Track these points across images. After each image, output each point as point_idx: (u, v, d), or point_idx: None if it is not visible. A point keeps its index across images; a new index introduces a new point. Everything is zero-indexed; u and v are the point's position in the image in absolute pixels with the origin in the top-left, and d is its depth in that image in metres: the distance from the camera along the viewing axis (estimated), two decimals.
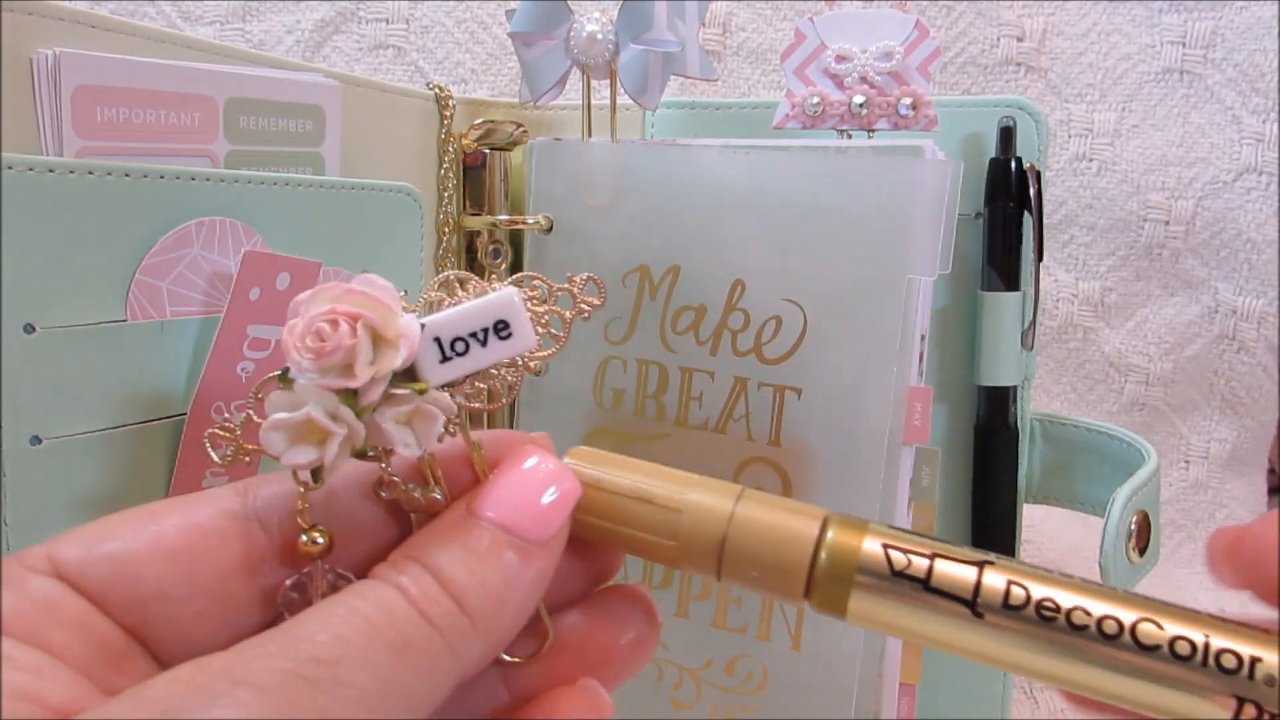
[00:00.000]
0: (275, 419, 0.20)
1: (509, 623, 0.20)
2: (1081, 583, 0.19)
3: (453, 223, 0.44)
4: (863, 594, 0.20)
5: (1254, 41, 0.60)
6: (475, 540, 0.20)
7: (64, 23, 0.29)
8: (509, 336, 0.21)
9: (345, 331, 0.19)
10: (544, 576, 0.21)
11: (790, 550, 0.21)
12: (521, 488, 0.21)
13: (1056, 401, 0.64)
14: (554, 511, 0.21)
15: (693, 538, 0.21)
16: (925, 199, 0.37)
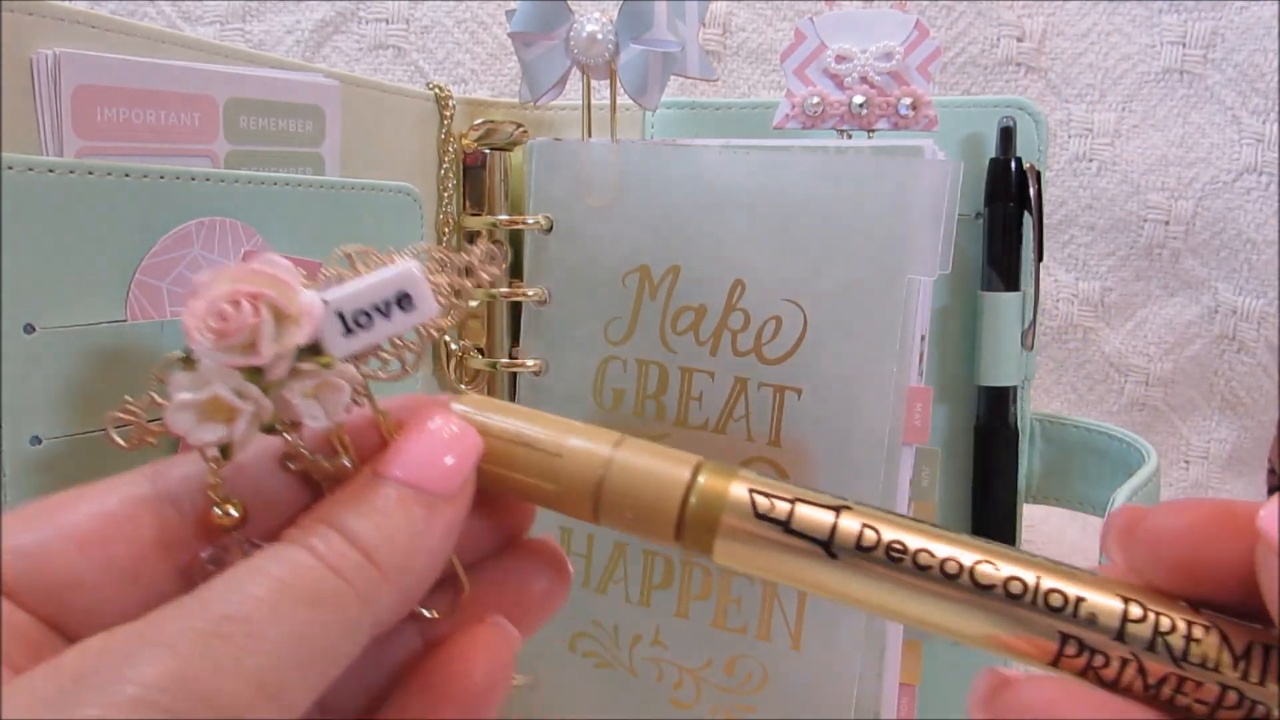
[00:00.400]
0: (181, 399, 0.20)
1: (420, 574, 0.21)
2: (934, 529, 0.21)
3: (453, 223, 0.44)
4: (729, 536, 0.21)
5: (1254, 42, 0.60)
6: (381, 498, 0.20)
7: (64, 23, 0.29)
8: (411, 307, 0.21)
9: (248, 311, 0.20)
10: (452, 529, 0.21)
11: (662, 494, 0.22)
12: (425, 446, 0.21)
13: (1056, 402, 0.64)
14: (458, 466, 0.21)
15: (571, 481, 0.22)
16: (925, 199, 0.37)
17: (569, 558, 0.43)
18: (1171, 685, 0.19)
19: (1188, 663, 0.18)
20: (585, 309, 0.42)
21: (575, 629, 0.43)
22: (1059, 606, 0.19)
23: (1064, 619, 0.19)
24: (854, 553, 0.20)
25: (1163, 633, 0.19)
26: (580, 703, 0.44)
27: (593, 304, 0.41)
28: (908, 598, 0.20)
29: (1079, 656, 0.19)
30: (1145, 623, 0.19)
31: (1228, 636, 0.19)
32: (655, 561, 0.41)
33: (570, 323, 0.42)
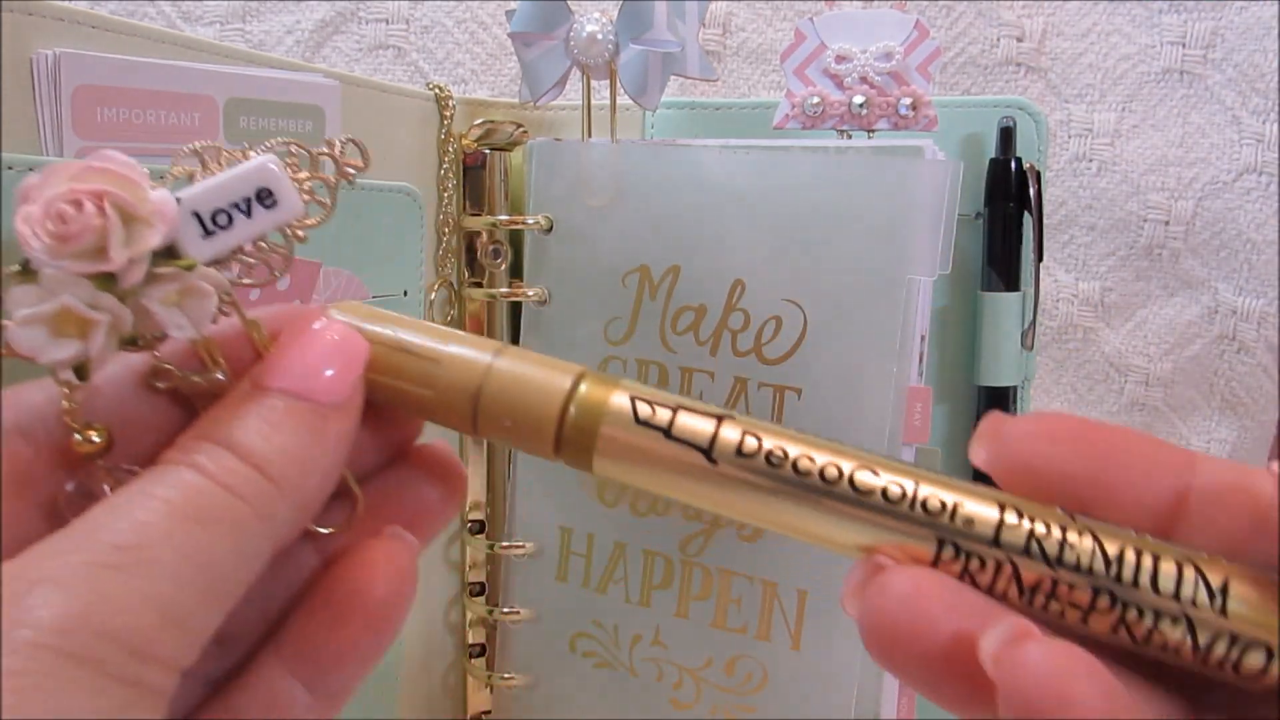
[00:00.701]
0: (26, 314, 0.18)
1: (316, 485, 0.20)
2: (819, 440, 0.20)
3: (453, 223, 0.44)
4: (609, 446, 0.21)
5: (1254, 42, 0.60)
6: (268, 410, 0.19)
7: (64, 23, 0.29)
8: (274, 205, 0.20)
9: (91, 211, 0.18)
10: (345, 437, 0.21)
11: (541, 403, 0.21)
12: (309, 353, 0.20)
13: (1056, 402, 0.64)
14: (344, 372, 0.20)
15: (449, 388, 0.21)
16: (925, 199, 0.37)
17: (569, 558, 0.43)
18: (1045, 590, 0.19)
19: (1062, 565, 0.19)
20: (585, 309, 0.42)
21: (575, 629, 0.43)
22: (936, 511, 0.19)
23: (941, 524, 0.19)
24: (734, 459, 0.20)
25: (1038, 537, 0.19)
26: (580, 703, 0.44)
27: (592, 304, 0.41)
28: (786, 507, 0.20)
29: (956, 560, 0.19)
30: (1020, 528, 0.19)
31: (1101, 540, 0.19)
32: (655, 561, 0.41)
33: (570, 323, 0.42)
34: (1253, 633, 0.18)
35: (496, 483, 0.46)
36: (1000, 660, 0.17)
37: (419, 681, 0.46)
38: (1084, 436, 0.19)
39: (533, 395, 0.21)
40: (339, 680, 0.21)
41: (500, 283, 0.44)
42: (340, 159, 0.22)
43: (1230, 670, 0.18)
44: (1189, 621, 0.18)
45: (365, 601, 0.21)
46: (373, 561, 0.22)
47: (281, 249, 0.21)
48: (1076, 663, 0.16)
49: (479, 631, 0.47)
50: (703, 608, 0.41)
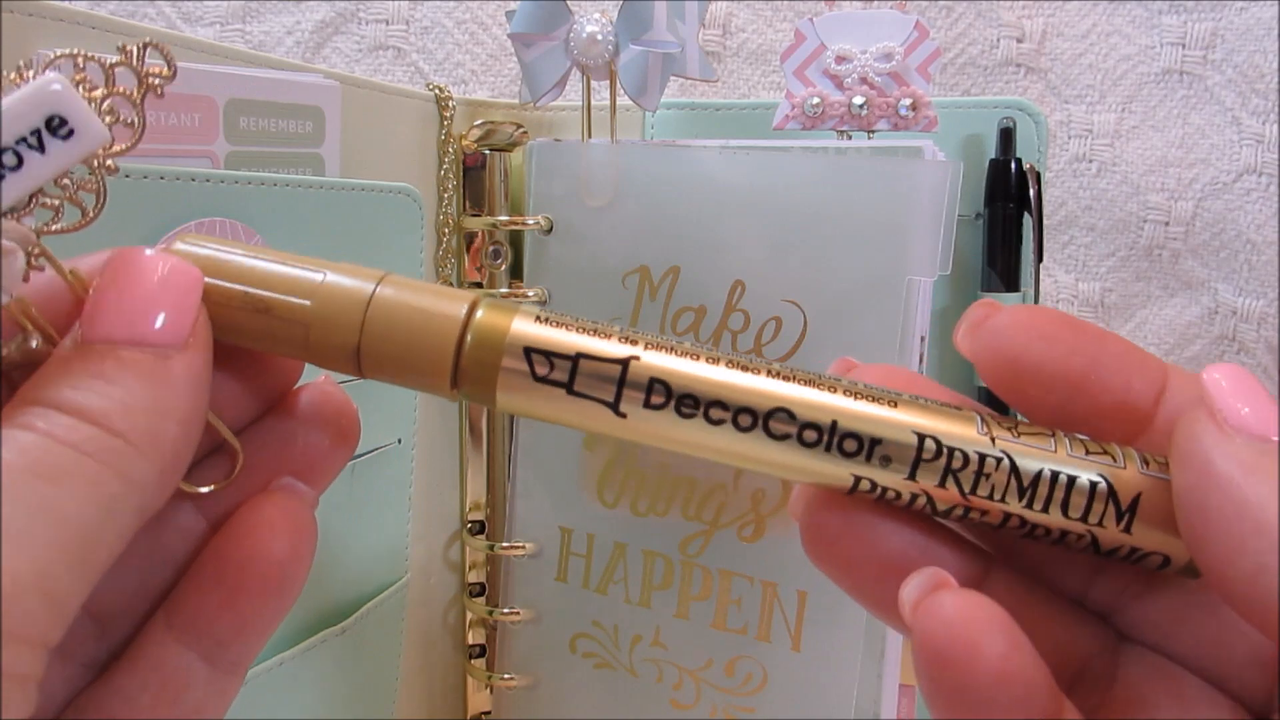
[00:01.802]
0: None
1: (174, 438, 0.18)
2: (736, 362, 0.19)
3: (453, 223, 0.44)
4: (511, 385, 0.19)
5: (1254, 43, 0.60)
6: (97, 365, 0.17)
7: (64, 23, 0.29)
8: (70, 134, 0.17)
9: None
10: (198, 381, 0.18)
11: (434, 335, 0.19)
12: (131, 295, 0.18)
13: None
14: (177, 308, 0.18)
15: (326, 325, 0.19)
16: (925, 200, 0.37)
17: (569, 558, 0.43)
18: (958, 514, 0.19)
19: (975, 495, 0.19)
20: (585, 310, 0.42)
21: (575, 630, 0.43)
22: (853, 452, 0.19)
23: (857, 463, 0.19)
24: (642, 411, 0.19)
25: (954, 469, 0.19)
26: (580, 703, 0.44)
27: (593, 305, 0.41)
28: (698, 441, 0.19)
29: (872, 492, 0.19)
30: (937, 464, 0.19)
31: (1017, 467, 0.19)
32: (655, 562, 0.41)
33: None
34: (1153, 545, 0.19)
35: (496, 483, 0.46)
36: (916, 608, 0.17)
37: (419, 681, 0.46)
38: (1071, 335, 0.20)
39: (424, 327, 0.19)
40: (240, 650, 0.20)
41: (500, 283, 0.44)
42: (141, 69, 0.18)
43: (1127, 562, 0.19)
44: (1094, 536, 0.19)
45: (263, 563, 0.20)
46: (266, 519, 0.20)
47: (90, 184, 0.18)
48: (987, 614, 0.17)
49: (479, 632, 0.47)
50: (703, 608, 0.41)
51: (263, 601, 0.20)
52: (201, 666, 0.20)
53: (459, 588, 0.47)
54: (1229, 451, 0.17)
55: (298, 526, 0.20)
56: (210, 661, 0.20)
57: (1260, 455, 0.17)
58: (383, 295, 0.19)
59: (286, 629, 0.35)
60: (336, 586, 0.38)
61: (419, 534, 0.44)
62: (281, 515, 0.20)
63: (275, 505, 0.20)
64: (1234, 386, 0.18)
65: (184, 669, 0.19)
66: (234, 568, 0.20)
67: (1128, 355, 0.19)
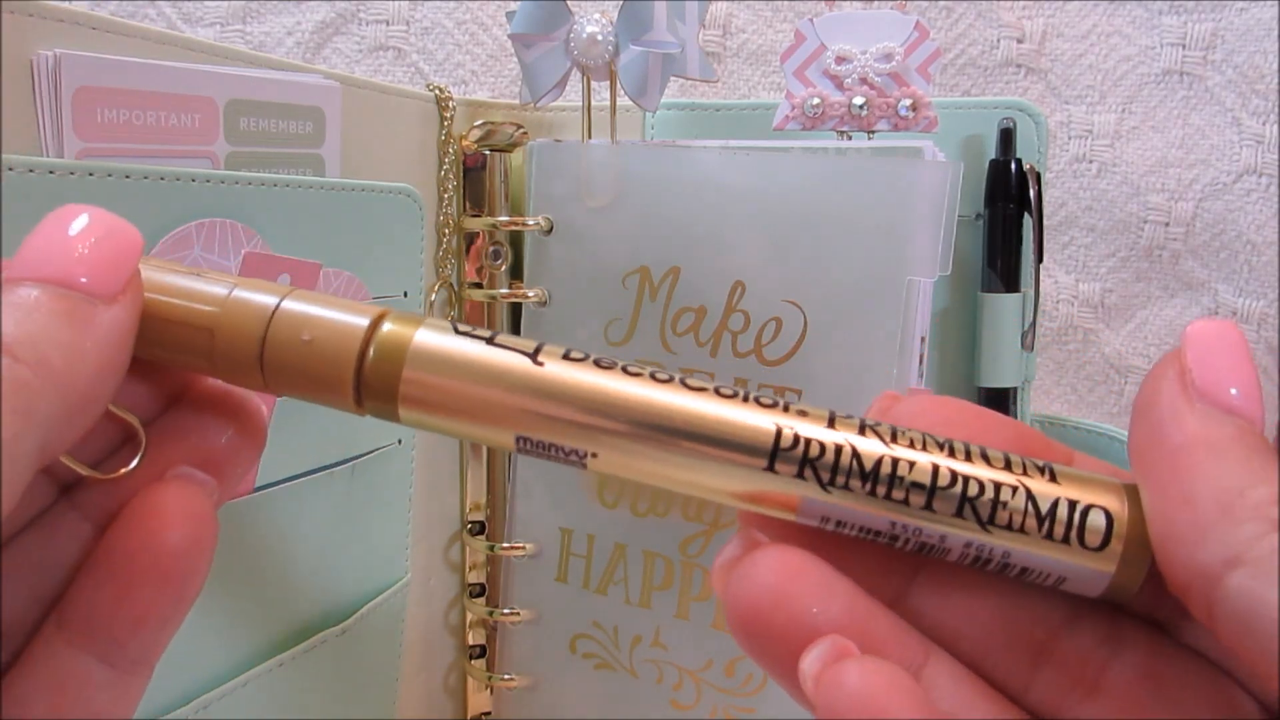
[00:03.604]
0: None
1: (87, 381, 0.17)
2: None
3: (453, 224, 0.44)
4: (413, 401, 0.19)
5: (1254, 43, 0.60)
6: (20, 297, 0.17)
7: (64, 24, 0.29)
8: None
9: None
10: (121, 339, 0.18)
11: (335, 348, 0.19)
12: (70, 239, 0.17)
13: (1057, 403, 0.64)
14: (114, 263, 0.18)
15: (231, 337, 0.19)
16: (925, 200, 0.37)
17: (569, 559, 0.43)
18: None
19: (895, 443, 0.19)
20: (585, 310, 0.42)
21: (575, 630, 0.43)
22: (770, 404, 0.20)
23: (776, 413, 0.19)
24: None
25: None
26: (580, 704, 0.44)
27: (593, 305, 0.41)
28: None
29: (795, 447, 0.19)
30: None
31: (968, 490, 0.18)
32: (655, 562, 0.41)
33: (570, 324, 0.42)
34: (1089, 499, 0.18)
35: (496, 484, 0.46)
36: (819, 681, 0.17)
37: (419, 682, 0.46)
38: (962, 423, 0.19)
39: (326, 339, 0.19)
40: (138, 647, 0.19)
41: (500, 284, 0.44)
42: None
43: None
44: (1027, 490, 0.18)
45: (157, 554, 0.19)
46: (160, 506, 0.19)
47: None
48: (892, 683, 0.16)
49: (479, 632, 0.47)
50: (703, 609, 0.41)
51: (158, 595, 0.19)
52: (99, 668, 0.19)
53: (459, 588, 0.47)
54: (1185, 419, 0.16)
55: (194, 514, 0.19)
56: (108, 662, 0.19)
57: (1217, 427, 0.16)
58: (288, 308, 0.19)
59: (287, 629, 0.36)
60: (336, 586, 0.38)
61: (419, 534, 0.44)
62: (176, 502, 0.19)
63: (170, 493, 0.19)
64: (1215, 344, 0.17)
65: (80, 671, 0.19)
66: (125, 560, 0.19)
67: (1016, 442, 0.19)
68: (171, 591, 0.19)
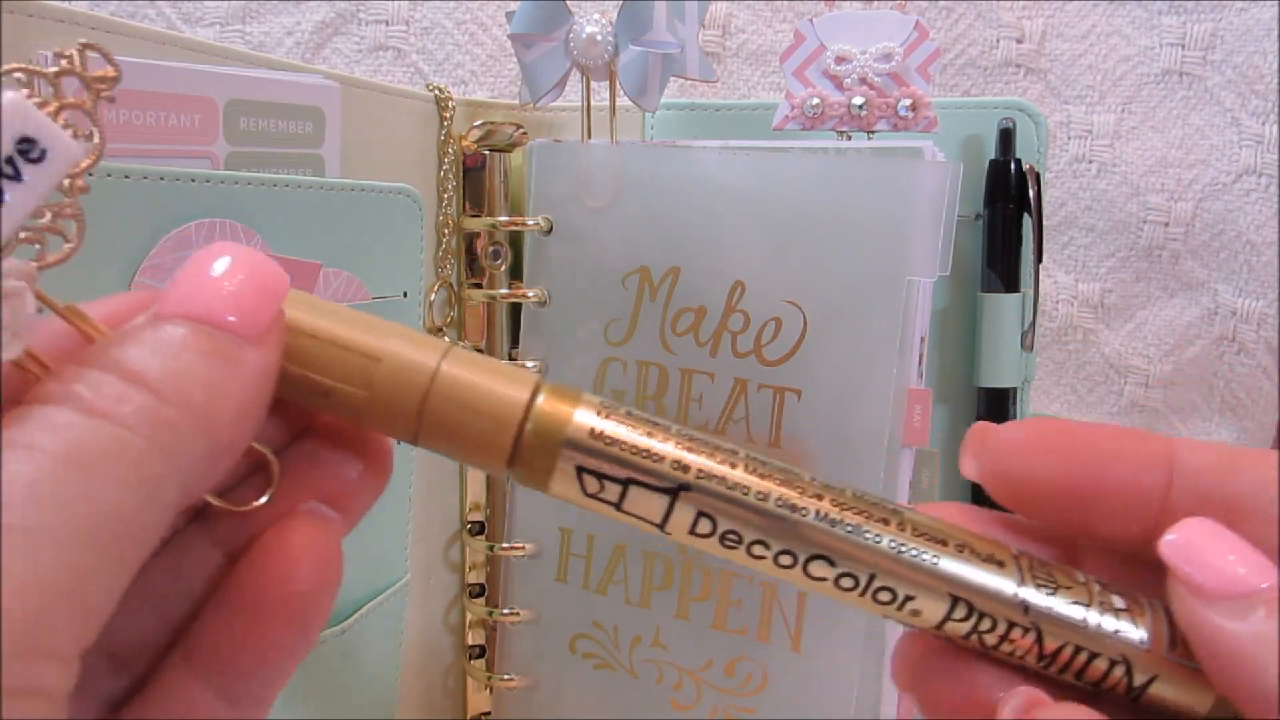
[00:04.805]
0: None
1: (230, 419, 0.17)
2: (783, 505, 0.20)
3: (453, 224, 0.44)
4: (567, 477, 0.19)
5: (1254, 44, 0.60)
6: (168, 335, 0.16)
7: (64, 24, 0.29)
8: (42, 156, 0.15)
9: None
10: (264, 377, 0.18)
11: (495, 416, 0.19)
12: (217, 278, 0.17)
13: (1056, 403, 0.64)
14: (261, 303, 0.17)
15: (388, 392, 0.19)
16: (925, 200, 0.37)
17: (569, 559, 0.43)
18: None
19: (999, 650, 0.20)
20: (585, 310, 0.42)
21: (575, 630, 0.43)
22: (886, 601, 0.20)
23: (890, 610, 0.20)
24: (687, 535, 0.20)
25: (981, 632, 0.19)
26: (580, 704, 0.44)
27: (592, 305, 0.41)
28: (739, 562, 0.20)
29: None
30: (966, 622, 0.19)
31: (1043, 636, 0.19)
32: (655, 562, 0.41)
33: (570, 324, 0.42)
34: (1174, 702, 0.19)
35: (496, 483, 0.46)
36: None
37: (419, 682, 0.46)
38: (1070, 444, 0.20)
39: (485, 407, 0.19)
40: (261, 685, 0.19)
41: (500, 284, 0.44)
42: (86, 74, 0.17)
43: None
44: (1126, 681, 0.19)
45: (285, 594, 0.18)
46: (290, 546, 0.19)
47: (71, 208, 0.16)
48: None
49: (479, 633, 0.47)
50: (703, 609, 0.41)
51: (284, 634, 0.19)
52: (220, 703, 0.19)
53: (459, 588, 0.47)
54: (1220, 630, 0.17)
55: (322, 554, 0.19)
56: (229, 698, 0.19)
57: (1250, 617, 0.17)
58: (447, 371, 0.19)
59: None
60: None
61: (419, 534, 0.44)
62: (304, 542, 0.19)
63: (299, 532, 0.19)
64: (1202, 544, 0.18)
65: (203, 706, 0.19)
66: (254, 598, 0.19)
67: (1130, 448, 0.19)
68: (297, 630, 0.19)
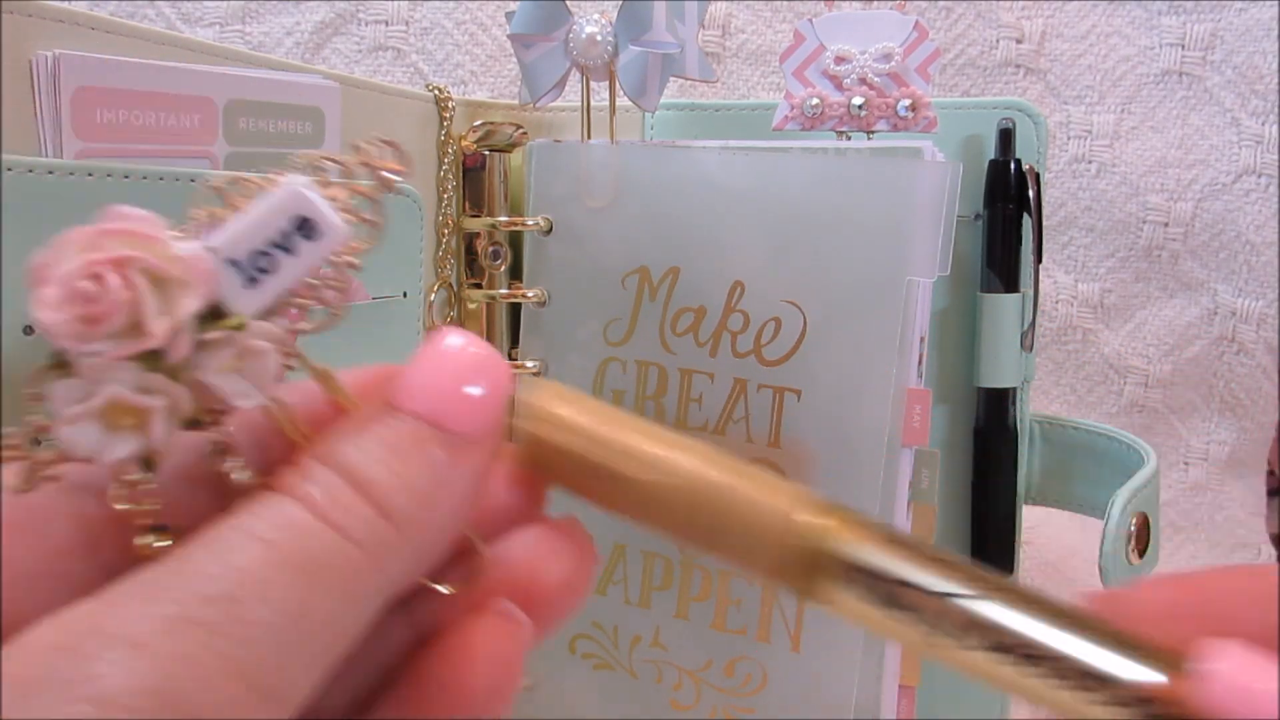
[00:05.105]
0: (72, 412, 0.16)
1: (438, 531, 0.17)
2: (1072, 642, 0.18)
3: (452, 224, 0.44)
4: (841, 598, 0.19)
5: (1253, 44, 0.60)
6: (395, 434, 0.17)
7: (64, 24, 0.29)
8: (317, 234, 0.17)
9: (116, 284, 0.16)
10: (476, 479, 0.18)
11: (770, 546, 0.19)
12: (446, 374, 0.18)
13: (1056, 403, 0.64)
14: (487, 402, 0.18)
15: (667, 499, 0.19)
16: (924, 200, 0.37)
17: None
18: None
19: None
20: (584, 310, 0.42)
21: (575, 630, 0.43)
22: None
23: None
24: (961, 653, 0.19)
25: None
26: (580, 704, 0.44)
27: (592, 305, 0.41)
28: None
29: None
30: None
31: None
32: (655, 562, 0.41)
33: (569, 324, 0.42)
34: None
35: None
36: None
37: None
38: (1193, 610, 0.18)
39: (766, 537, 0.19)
40: None
41: (500, 284, 0.44)
42: (375, 163, 0.19)
43: None
44: None
45: (460, 692, 0.18)
46: (472, 646, 0.19)
47: (335, 281, 0.18)
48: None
49: None
50: (702, 609, 0.41)
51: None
52: None
53: None
54: None
55: (504, 660, 0.19)
56: None
57: None
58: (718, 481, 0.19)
59: None
60: None
61: None
62: (489, 645, 0.19)
63: (484, 631, 0.19)
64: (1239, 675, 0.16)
65: None
66: (432, 689, 0.19)
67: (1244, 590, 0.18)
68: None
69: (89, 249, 0.16)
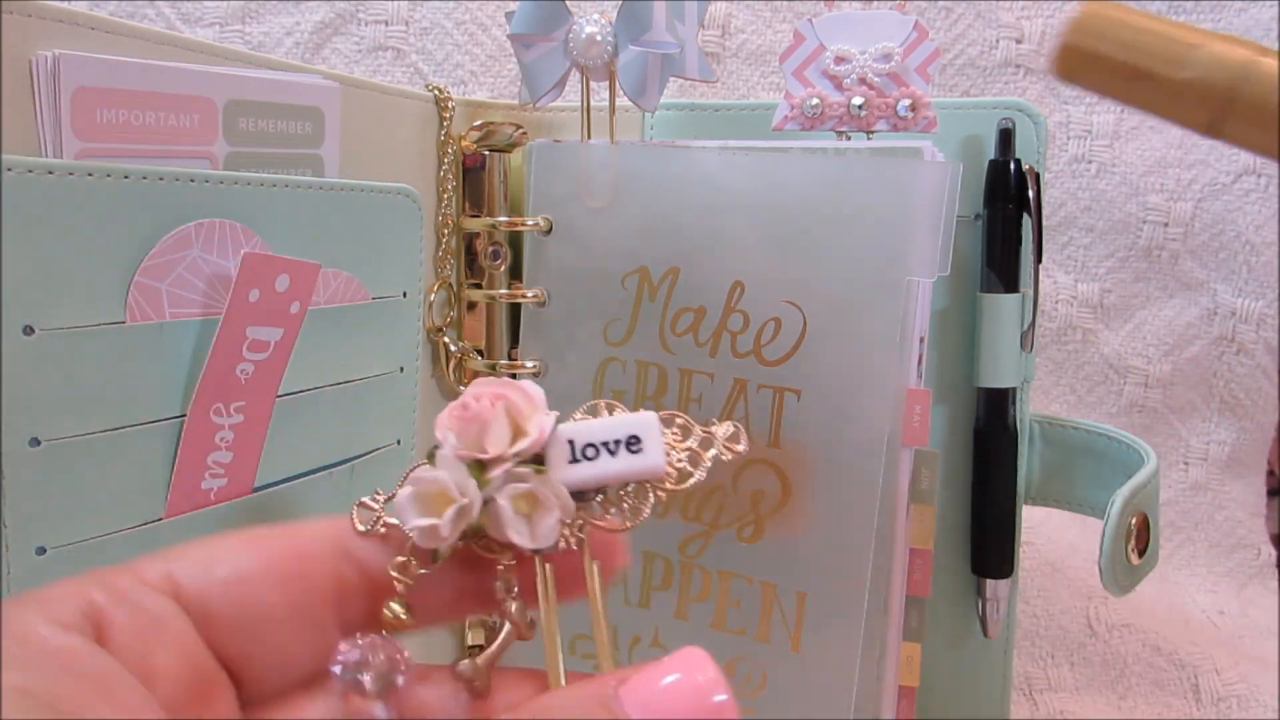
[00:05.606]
0: (415, 480, 0.21)
1: None
2: None
3: (452, 224, 0.44)
4: None
5: None
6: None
7: (64, 24, 0.29)
8: (638, 452, 0.21)
9: (486, 405, 0.21)
10: None
11: None
12: (678, 699, 0.19)
13: (1056, 403, 0.64)
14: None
15: (1206, 73, 0.22)
16: (924, 200, 0.37)
17: None
18: None
19: None
20: (584, 310, 0.42)
21: (574, 630, 0.43)
22: None
23: None
24: None
25: None
26: None
27: (592, 305, 0.41)
28: None
29: None
30: None
31: None
32: (655, 562, 0.41)
33: (569, 324, 0.42)
34: None
35: None
36: None
37: None
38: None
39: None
40: None
41: (500, 284, 0.44)
42: (721, 439, 0.23)
43: None
44: None
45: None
46: None
47: (632, 500, 0.22)
48: None
49: (478, 632, 0.47)
50: (702, 609, 0.41)
51: None
52: None
53: None
54: None
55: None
56: None
57: None
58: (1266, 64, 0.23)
59: None
60: None
61: None
62: None
63: None
64: None
65: None
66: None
67: None
68: None
69: (488, 385, 0.22)
